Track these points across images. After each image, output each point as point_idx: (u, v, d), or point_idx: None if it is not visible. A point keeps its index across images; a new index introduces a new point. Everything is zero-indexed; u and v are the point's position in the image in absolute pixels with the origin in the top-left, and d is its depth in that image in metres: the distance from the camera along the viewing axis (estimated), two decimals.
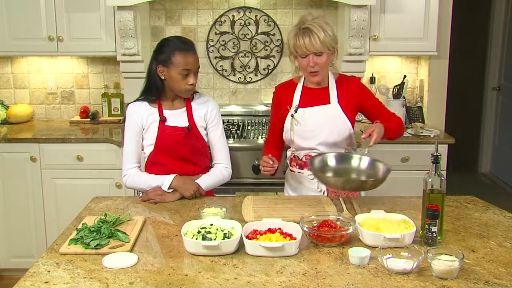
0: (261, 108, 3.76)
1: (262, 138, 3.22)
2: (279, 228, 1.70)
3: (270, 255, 1.60)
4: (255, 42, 3.73)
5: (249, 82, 3.80)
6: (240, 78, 3.79)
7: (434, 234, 1.69)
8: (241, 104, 3.79)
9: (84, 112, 3.77)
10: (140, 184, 2.26)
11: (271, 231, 1.69)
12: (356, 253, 1.57)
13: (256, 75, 3.79)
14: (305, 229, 1.70)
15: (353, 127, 2.33)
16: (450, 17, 3.54)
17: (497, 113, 5.79)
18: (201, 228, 1.70)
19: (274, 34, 3.72)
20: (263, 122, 3.65)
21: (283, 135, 2.37)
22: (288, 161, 2.45)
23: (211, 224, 1.73)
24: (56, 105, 3.90)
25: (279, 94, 2.41)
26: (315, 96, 2.32)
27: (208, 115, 2.36)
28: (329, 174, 2.08)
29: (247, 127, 3.48)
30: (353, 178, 2.07)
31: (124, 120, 2.33)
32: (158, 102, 2.29)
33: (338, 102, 2.29)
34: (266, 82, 3.81)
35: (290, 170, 2.43)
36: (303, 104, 2.31)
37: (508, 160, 5.49)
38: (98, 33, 3.45)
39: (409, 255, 1.55)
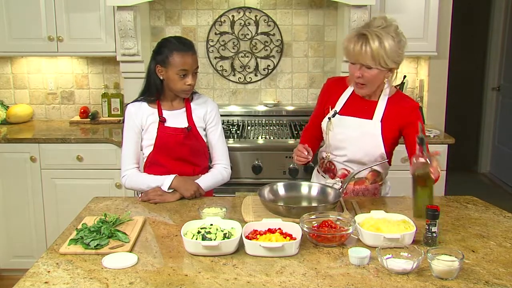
0: (261, 108, 3.76)
1: (262, 138, 3.22)
2: (279, 228, 1.70)
3: (270, 255, 1.60)
4: (255, 42, 3.73)
5: (249, 82, 3.80)
6: (240, 78, 3.79)
7: (434, 234, 1.69)
8: (241, 104, 3.79)
9: (84, 112, 3.77)
10: (139, 184, 2.25)
11: (271, 231, 1.69)
12: (356, 253, 1.57)
13: (256, 75, 3.79)
14: (305, 229, 1.70)
15: (389, 148, 2.17)
16: (450, 17, 3.55)
17: (497, 113, 5.79)
18: (201, 228, 1.70)
19: (274, 34, 3.72)
20: (263, 122, 3.65)
21: (323, 134, 2.28)
22: (319, 158, 2.36)
23: (211, 224, 1.73)
24: (56, 105, 3.90)
25: (329, 88, 2.29)
26: (360, 107, 2.16)
27: (207, 116, 2.35)
28: (280, 203, 2.03)
29: (247, 127, 3.48)
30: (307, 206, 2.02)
31: (123, 121, 2.32)
32: (158, 103, 2.28)
33: (381, 121, 2.12)
34: (266, 82, 3.81)
35: (317, 169, 2.37)
36: (344, 111, 2.19)
37: (508, 160, 5.49)
38: (98, 33, 3.45)
39: (409, 255, 1.55)
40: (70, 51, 3.51)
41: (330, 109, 2.23)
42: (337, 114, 2.19)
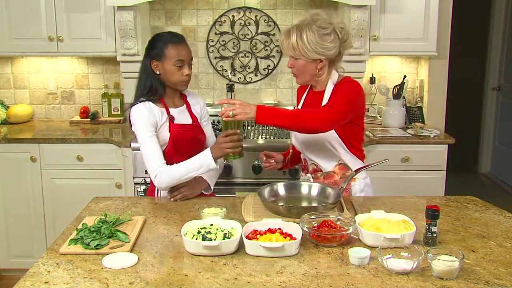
0: None
1: (262, 138, 3.22)
2: (279, 228, 1.70)
3: (270, 255, 1.60)
4: (255, 42, 3.73)
5: (249, 82, 3.81)
6: (240, 78, 3.79)
7: (434, 234, 1.69)
8: None
9: (84, 112, 3.77)
10: (178, 174, 2.11)
11: (271, 231, 1.69)
12: (356, 253, 1.57)
13: (256, 75, 3.79)
14: (305, 229, 1.70)
15: (345, 134, 2.19)
16: (450, 17, 3.55)
17: (497, 113, 5.79)
18: (201, 228, 1.70)
19: (274, 34, 3.72)
20: None
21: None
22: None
23: (211, 224, 1.73)
24: (56, 105, 3.90)
25: (297, 94, 2.45)
26: (312, 100, 2.28)
27: (202, 110, 2.41)
28: (280, 203, 2.03)
29: (247, 127, 3.48)
30: (307, 206, 2.02)
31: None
32: (163, 101, 2.28)
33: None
34: (266, 82, 3.81)
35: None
36: (303, 106, 2.32)
37: (508, 160, 5.49)
38: (98, 33, 3.45)
39: (409, 255, 1.55)
40: (70, 51, 3.51)
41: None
42: None
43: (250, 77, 3.79)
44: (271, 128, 3.48)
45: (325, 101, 2.18)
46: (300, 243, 1.65)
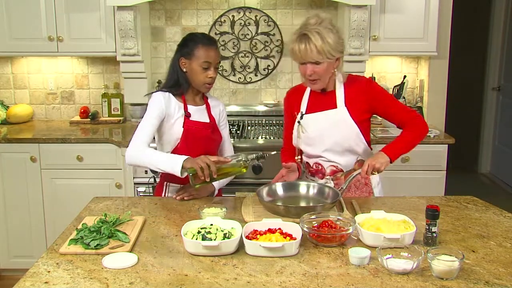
0: (261, 108, 3.76)
1: (262, 138, 3.22)
2: (279, 228, 1.70)
3: (270, 255, 1.60)
4: (255, 42, 3.73)
5: (249, 82, 3.81)
6: (240, 78, 3.79)
7: (434, 234, 1.69)
8: (241, 104, 3.79)
9: (84, 112, 3.77)
10: (147, 161, 2.09)
11: (271, 231, 1.69)
12: (356, 253, 1.57)
13: (256, 75, 3.79)
14: (305, 229, 1.70)
15: (365, 131, 2.23)
16: (450, 17, 3.55)
17: (497, 113, 5.79)
18: (201, 228, 1.70)
19: (274, 34, 3.72)
20: (263, 122, 3.65)
21: (292, 142, 2.34)
22: (304, 166, 2.40)
23: (211, 224, 1.73)
24: (56, 105, 3.90)
25: (288, 99, 2.38)
26: (322, 101, 2.24)
27: (220, 114, 2.44)
28: (278, 203, 2.04)
29: (247, 127, 3.48)
30: (306, 206, 2.02)
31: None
32: (183, 98, 2.30)
33: (345, 106, 2.20)
34: (266, 82, 3.81)
35: (305, 175, 2.40)
36: (310, 110, 2.26)
37: (508, 160, 5.49)
38: (98, 33, 3.45)
39: (409, 255, 1.55)
40: (70, 51, 3.51)
41: (296, 114, 2.30)
42: (304, 115, 2.26)
43: (250, 77, 3.79)
44: (271, 128, 3.48)
45: (340, 100, 2.20)
46: (300, 243, 1.65)
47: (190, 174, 1.99)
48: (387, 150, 2.12)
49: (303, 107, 2.28)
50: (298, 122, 2.26)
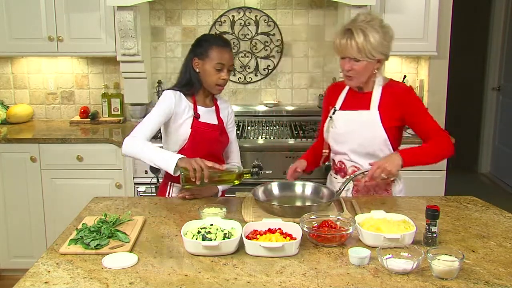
0: (261, 108, 3.76)
1: (262, 138, 3.22)
2: (279, 228, 1.70)
3: (270, 255, 1.60)
4: (255, 42, 3.73)
5: (249, 82, 3.81)
6: (240, 78, 3.79)
7: (434, 234, 1.69)
8: (241, 104, 3.79)
9: (84, 112, 3.77)
10: (142, 155, 2.07)
11: (271, 231, 1.69)
12: (356, 253, 1.57)
13: (256, 75, 3.79)
14: (305, 229, 1.70)
15: (394, 138, 2.19)
16: (450, 17, 3.54)
17: (497, 113, 5.79)
18: (201, 228, 1.70)
19: (274, 34, 3.72)
20: (263, 122, 3.65)
21: (324, 135, 2.33)
22: (331, 163, 2.38)
23: (211, 224, 1.73)
24: (56, 105, 3.90)
25: (329, 93, 2.38)
26: (357, 101, 2.22)
27: (228, 116, 2.43)
28: (274, 203, 2.04)
29: (247, 127, 3.48)
30: (302, 206, 2.03)
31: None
32: (194, 98, 2.29)
33: (378, 109, 2.17)
34: (266, 82, 3.81)
35: (330, 172, 2.39)
36: (344, 106, 2.25)
37: (508, 160, 5.49)
38: (98, 33, 3.45)
39: (409, 255, 1.55)
40: (70, 51, 3.51)
41: (330, 109, 2.29)
42: (336, 111, 2.26)
43: (250, 77, 3.79)
44: (271, 128, 3.48)
45: (374, 102, 2.17)
46: (300, 243, 1.65)
47: (182, 174, 1.98)
48: (403, 152, 2.09)
49: (338, 103, 2.28)
50: (330, 117, 2.27)
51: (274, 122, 3.65)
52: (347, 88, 2.29)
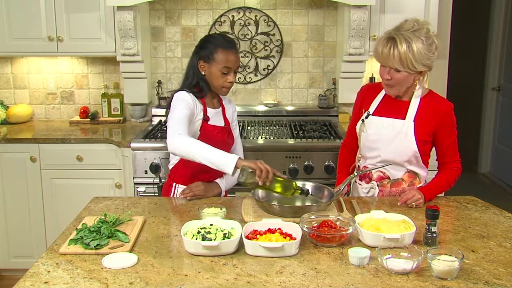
0: (261, 108, 3.76)
1: (262, 138, 3.22)
2: (279, 228, 1.71)
3: (270, 255, 1.60)
4: (255, 42, 3.73)
5: (249, 82, 3.81)
6: (240, 78, 3.79)
7: (434, 234, 1.69)
8: (241, 104, 3.79)
9: (84, 112, 3.77)
10: (195, 154, 1.96)
11: (271, 231, 1.69)
12: (356, 253, 1.57)
13: (256, 75, 3.79)
14: (305, 229, 1.70)
15: (424, 152, 2.16)
16: (450, 17, 3.55)
17: (497, 113, 5.79)
18: (201, 228, 1.70)
19: (274, 34, 3.72)
20: (263, 122, 3.65)
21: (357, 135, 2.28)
22: (355, 167, 2.34)
23: (211, 224, 1.73)
24: (56, 105, 3.90)
25: (363, 94, 2.30)
26: (393, 108, 2.16)
27: (233, 114, 2.43)
28: (274, 203, 2.02)
29: (247, 127, 3.48)
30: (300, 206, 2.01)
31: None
32: (203, 100, 2.27)
33: (414, 120, 2.12)
34: (266, 82, 3.81)
35: (355, 179, 2.33)
36: (378, 112, 2.20)
37: (508, 160, 5.49)
38: (98, 33, 3.45)
39: (409, 255, 1.55)
40: (70, 51, 3.51)
41: (363, 112, 2.24)
42: (370, 116, 2.20)
43: (250, 77, 3.79)
44: (271, 128, 3.48)
45: (410, 113, 2.12)
46: (300, 243, 1.65)
47: (249, 171, 1.90)
48: (425, 191, 2.11)
49: (373, 107, 2.21)
50: (362, 120, 2.21)
51: (274, 122, 3.65)
52: (383, 92, 2.21)
